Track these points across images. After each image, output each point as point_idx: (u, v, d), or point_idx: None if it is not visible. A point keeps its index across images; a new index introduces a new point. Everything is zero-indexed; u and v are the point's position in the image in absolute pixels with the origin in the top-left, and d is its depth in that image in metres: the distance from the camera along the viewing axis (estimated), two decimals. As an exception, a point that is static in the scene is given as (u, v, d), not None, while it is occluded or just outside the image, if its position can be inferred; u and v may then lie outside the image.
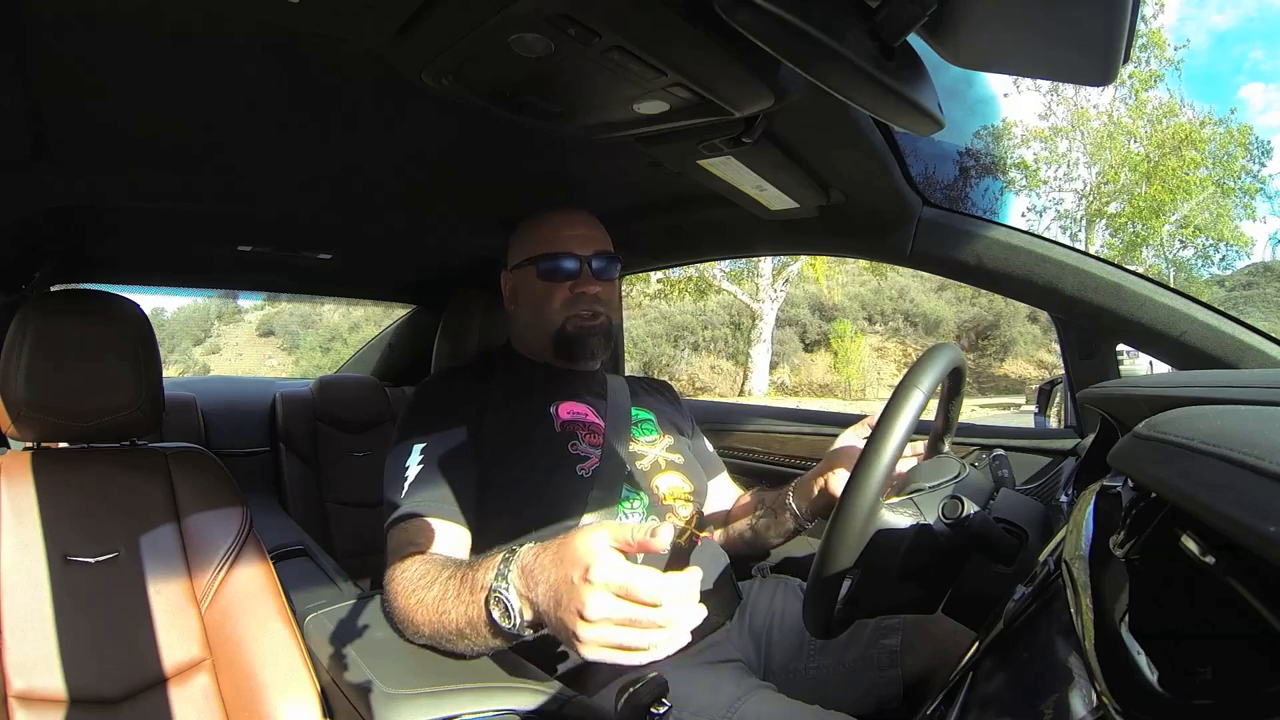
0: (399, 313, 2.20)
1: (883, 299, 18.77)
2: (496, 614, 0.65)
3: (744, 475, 1.33)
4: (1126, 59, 0.43)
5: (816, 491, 0.96)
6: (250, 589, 0.93)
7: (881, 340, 18.08)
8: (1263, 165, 13.61)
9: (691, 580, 0.59)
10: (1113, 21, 0.41)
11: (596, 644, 0.58)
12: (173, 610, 0.90)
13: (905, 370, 0.69)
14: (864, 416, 1.02)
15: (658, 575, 0.58)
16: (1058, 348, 1.20)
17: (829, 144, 0.87)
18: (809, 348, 17.30)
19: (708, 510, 1.10)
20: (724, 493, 1.15)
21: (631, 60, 0.57)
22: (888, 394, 0.66)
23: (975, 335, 17.80)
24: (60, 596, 0.85)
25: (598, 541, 0.60)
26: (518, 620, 0.64)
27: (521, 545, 0.69)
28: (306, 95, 0.78)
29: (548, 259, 1.00)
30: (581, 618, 0.57)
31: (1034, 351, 16.58)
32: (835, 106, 0.72)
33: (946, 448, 0.79)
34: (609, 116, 0.72)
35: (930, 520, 0.66)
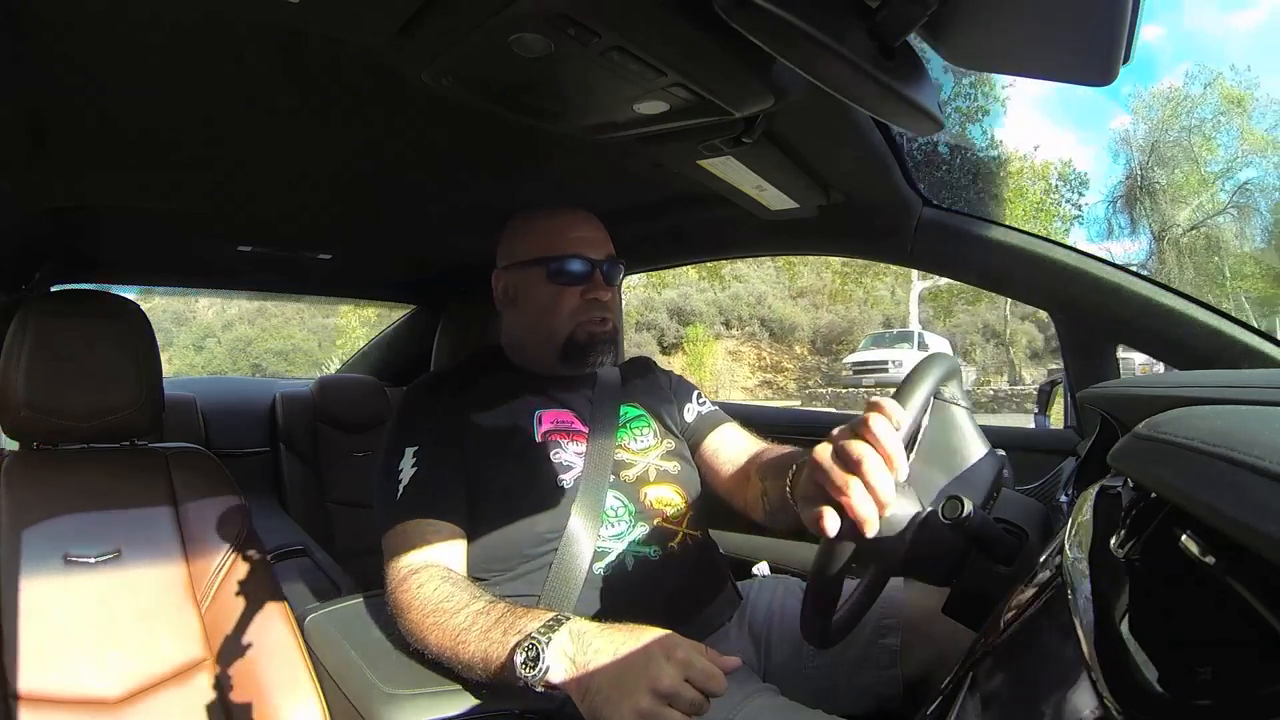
0: (290, 310, 2.16)
1: (741, 305, 19.85)
2: (519, 659, 0.66)
3: None
4: (1127, 59, 0.43)
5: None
6: (250, 589, 0.93)
7: (738, 344, 19.23)
8: (1081, 195, 15.12)
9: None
10: (1113, 21, 0.41)
11: (647, 717, 0.60)
12: (173, 610, 0.90)
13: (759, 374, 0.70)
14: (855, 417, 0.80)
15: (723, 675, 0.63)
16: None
17: (829, 144, 0.87)
18: (666, 350, 18.30)
19: (721, 466, 1.03)
20: (734, 444, 1.05)
21: (631, 60, 0.57)
22: (740, 396, 0.66)
23: (827, 341, 19.28)
24: (61, 596, 0.85)
25: (677, 636, 0.65)
26: (541, 672, 0.65)
27: (572, 614, 0.72)
28: (306, 95, 0.78)
29: (559, 261, 0.95)
30: (653, 690, 0.60)
31: (886, 356, 18.06)
32: (835, 106, 0.72)
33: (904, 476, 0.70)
34: (609, 116, 0.72)
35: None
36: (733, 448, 1.04)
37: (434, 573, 0.80)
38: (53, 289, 1.37)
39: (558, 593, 0.85)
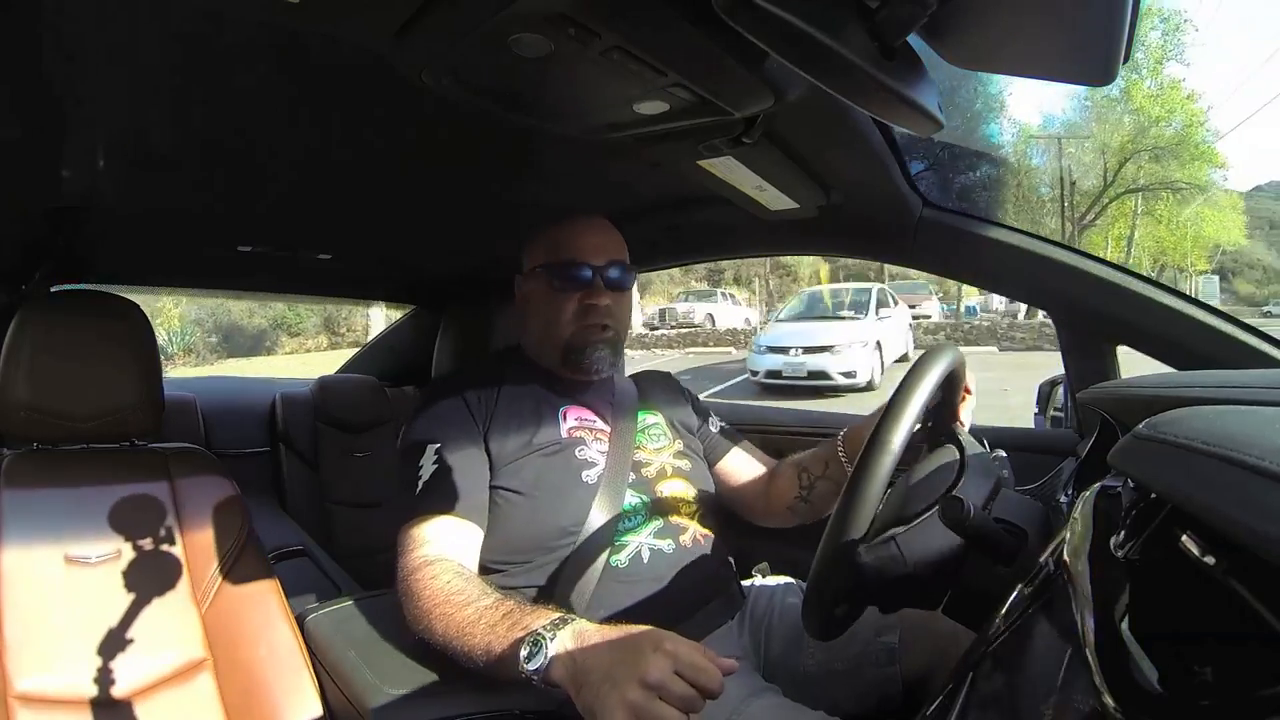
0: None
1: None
2: (523, 653, 0.67)
3: None
4: (1127, 59, 0.43)
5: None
6: (250, 589, 0.93)
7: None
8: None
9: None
10: (1113, 21, 0.41)
11: (636, 710, 0.59)
12: (173, 610, 0.90)
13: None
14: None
15: (717, 671, 0.62)
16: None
17: (829, 144, 0.87)
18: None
19: (744, 475, 1.10)
20: (750, 465, 1.11)
21: (631, 60, 0.57)
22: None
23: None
24: (61, 596, 0.85)
25: (666, 631, 0.65)
26: (542, 667, 0.66)
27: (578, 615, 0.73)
28: (306, 95, 0.78)
29: (560, 267, 0.98)
30: (641, 682, 0.60)
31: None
32: (835, 107, 0.72)
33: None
34: (609, 117, 0.72)
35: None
36: (753, 460, 1.12)
37: (448, 566, 0.81)
38: (53, 289, 1.37)
39: (573, 584, 0.86)
